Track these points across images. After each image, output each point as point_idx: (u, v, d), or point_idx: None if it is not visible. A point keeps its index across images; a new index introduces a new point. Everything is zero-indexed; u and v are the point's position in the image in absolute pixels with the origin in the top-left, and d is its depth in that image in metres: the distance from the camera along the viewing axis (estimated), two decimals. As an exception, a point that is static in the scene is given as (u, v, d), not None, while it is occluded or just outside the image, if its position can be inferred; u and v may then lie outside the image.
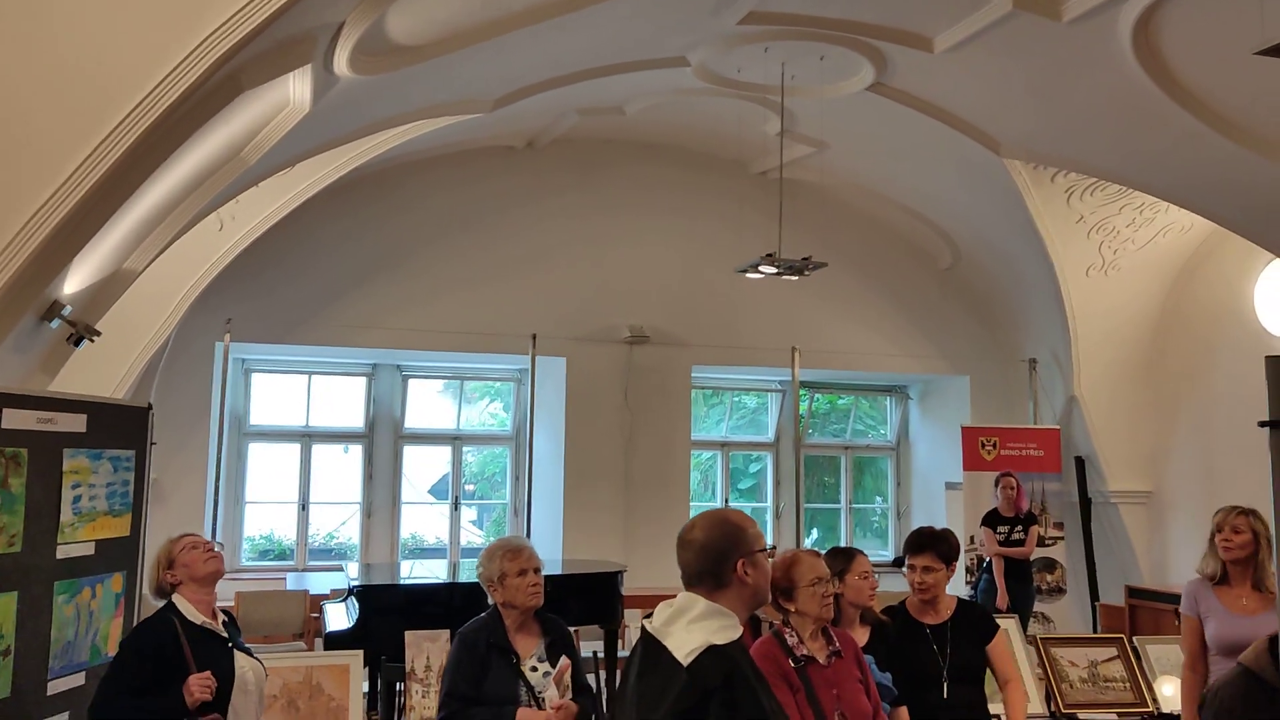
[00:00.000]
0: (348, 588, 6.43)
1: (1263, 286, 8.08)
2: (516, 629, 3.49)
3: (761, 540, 2.38)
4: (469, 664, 3.39)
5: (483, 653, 3.41)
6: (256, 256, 7.63)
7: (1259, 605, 3.82)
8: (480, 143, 8.56)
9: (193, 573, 3.36)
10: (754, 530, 2.38)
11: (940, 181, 8.61)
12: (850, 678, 3.24)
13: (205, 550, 3.40)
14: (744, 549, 2.32)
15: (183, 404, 7.98)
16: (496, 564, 3.49)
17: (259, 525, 9.10)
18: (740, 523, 2.39)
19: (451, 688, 3.39)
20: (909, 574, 3.83)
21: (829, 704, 3.14)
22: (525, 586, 3.47)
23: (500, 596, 3.49)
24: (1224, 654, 3.81)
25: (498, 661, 3.41)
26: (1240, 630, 3.79)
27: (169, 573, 3.37)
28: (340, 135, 6.04)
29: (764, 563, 2.35)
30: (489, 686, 3.37)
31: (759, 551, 2.35)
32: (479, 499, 9.93)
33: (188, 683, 3.15)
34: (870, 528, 10.82)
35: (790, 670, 3.16)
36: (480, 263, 8.71)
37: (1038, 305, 9.09)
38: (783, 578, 3.30)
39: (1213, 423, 8.53)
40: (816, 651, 3.23)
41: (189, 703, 3.14)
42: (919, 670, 3.64)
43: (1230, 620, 3.85)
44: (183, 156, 4.25)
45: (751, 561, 2.32)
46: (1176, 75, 5.80)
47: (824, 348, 9.38)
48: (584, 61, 6.50)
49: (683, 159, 9.24)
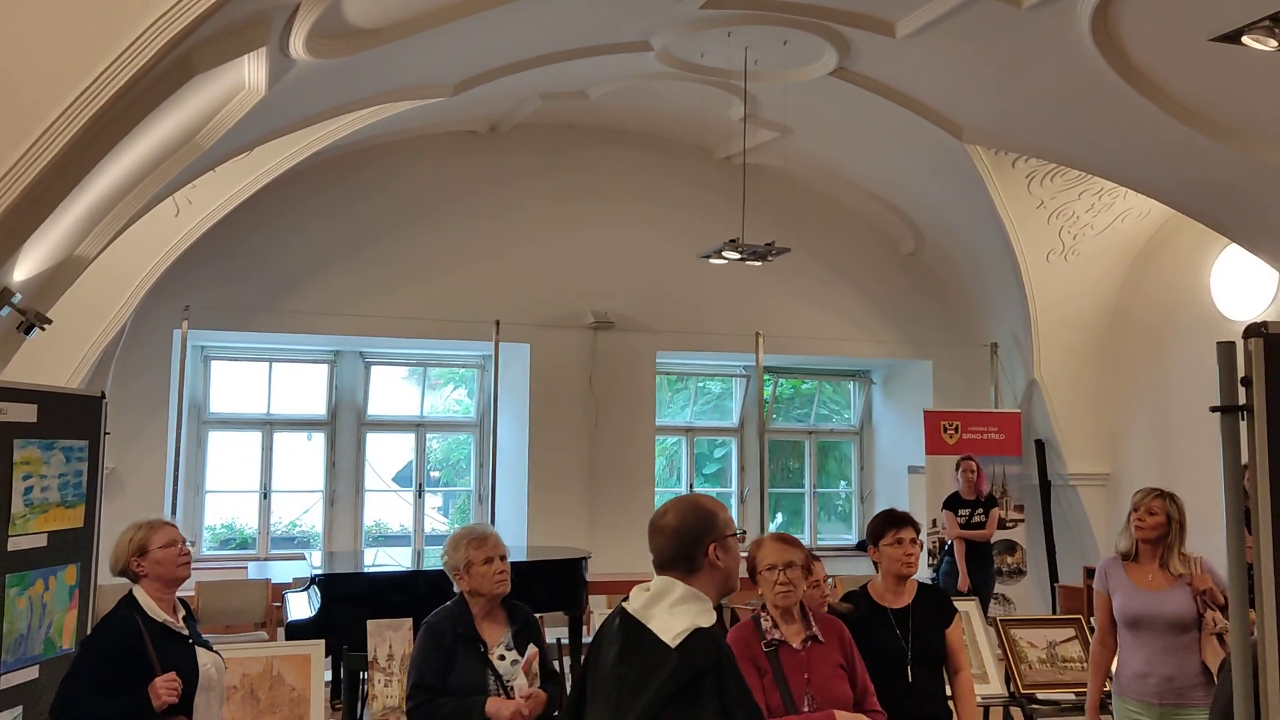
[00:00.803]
0: (310, 576, 6.38)
1: (1218, 271, 8.20)
2: (483, 617, 3.47)
3: (732, 525, 2.40)
4: (436, 654, 3.36)
5: (449, 642, 3.38)
6: (215, 242, 7.53)
7: (1163, 582, 3.94)
8: (442, 127, 8.48)
9: (162, 573, 3.30)
10: (725, 515, 2.40)
11: (903, 167, 8.65)
12: (827, 663, 3.26)
13: (180, 553, 3.33)
14: (715, 533, 2.34)
15: (140, 392, 7.87)
16: (462, 552, 3.46)
17: (220, 514, 9.01)
18: (712, 508, 2.40)
19: (419, 678, 3.36)
20: (896, 549, 3.78)
21: (798, 687, 3.17)
22: (491, 574, 3.44)
23: (466, 585, 3.46)
24: (1128, 627, 3.94)
25: (465, 651, 3.38)
26: (1142, 604, 3.92)
27: (139, 561, 3.30)
28: (298, 119, 5.96)
29: (734, 547, 2.37)
30: (456, 676, 3.34)
31: (729, 536, 2.36)
32: (444, 486, 9.89)
33: (154, 685, 3.11)
34: (834, 511, 10.90)
35: (760, 654, 3.21)
36: (443, 249, 8.65)
37: (999, 290, 9.18)
38: (749, 561, 3.38)
39: (1169, 406, 8.67)
40: (791, 636, 3.26)
41: (155, 706, 3.10)
42: (883, 654, 3.67)
43: (1134, 594, 3.96)
44: (135, 141, 4.16)
45: (723, 545, 2.34)
46: (1135, 62, 5.85)
47: (788, 333, 9.41)
48: (546, 45, 6.45)
49: (646, 144, 9.21)
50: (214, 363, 8.88)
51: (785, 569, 3.30)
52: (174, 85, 3.94)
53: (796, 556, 3.35)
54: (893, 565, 3.81)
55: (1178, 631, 3.85)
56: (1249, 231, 6.98)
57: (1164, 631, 3.85)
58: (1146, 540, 3.99)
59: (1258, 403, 2.17)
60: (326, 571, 6.38)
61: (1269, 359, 2.18)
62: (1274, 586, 2.14)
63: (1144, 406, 8.96)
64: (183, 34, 3.50)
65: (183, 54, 3.76)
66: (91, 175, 4.02)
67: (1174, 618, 3.85)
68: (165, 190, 5.16)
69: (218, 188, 6.92)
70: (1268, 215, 6.67)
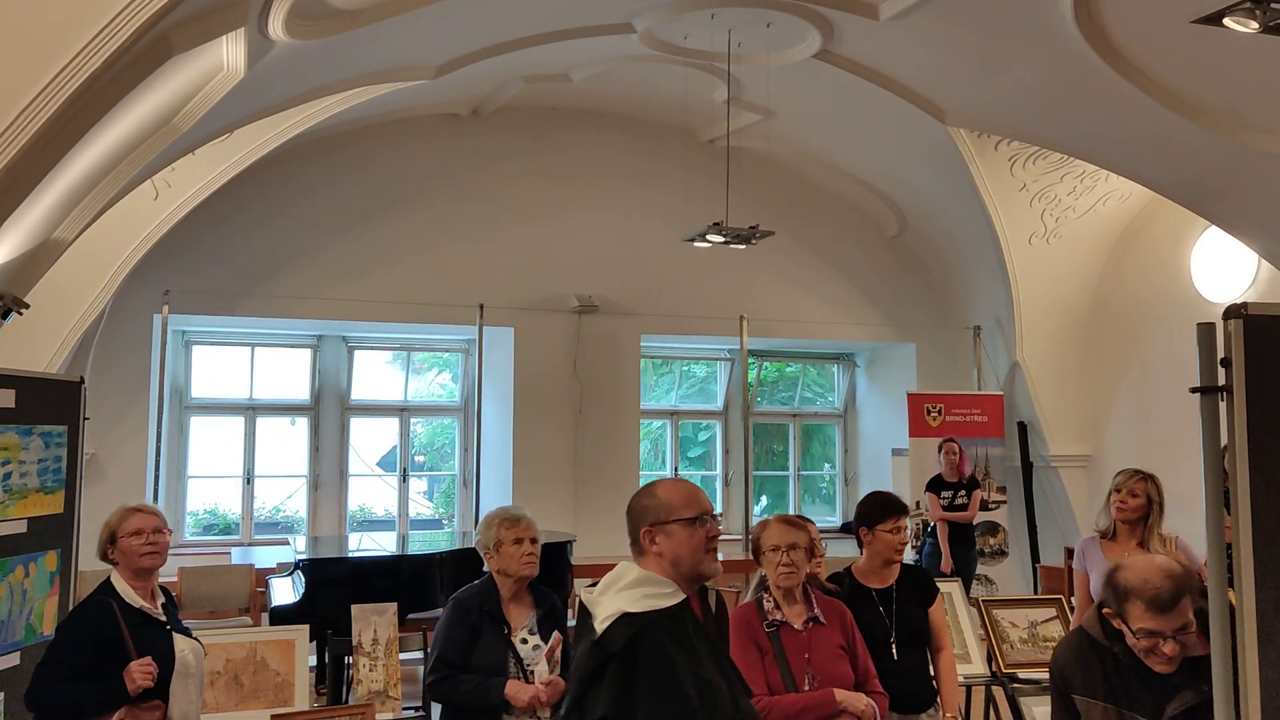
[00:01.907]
0: (294, 562, 6.36)
1: (1198, 254, 8.24)
2: (510, 599, 3.49)
3: (681, 511, 2.31)
4: (460, 630, 3.40)
5: (475, 620, 3.41)
6: (195, 226, 7.47)
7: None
8: (424, 110, 8.42)
9: (128, 562, 3.29)
10: (674, 501, 2.33)
11: (887, 150, 8.64)
12: (828, 643, 3.32)
13: (146, 541, 3.29)
14: (651, 519, 2.31)
15: (121, 377, 7.81)
16: (494, 531, 3.50)
17: (203, 499, 8.97)
18: (660, 493, 2.36)
19: (442, 652, 3.39)
20: (893, 536, 3.81)
21: (799, 667, 3.24)
22: (520, 555, 3.47)
23: (495, 564, 3.50)
24: None
25: (489, 630, 3.41)
26: None
27: (110, 548, 3.30)
28: (278, 101, 5.90)
29: (680, 533, 2.30)
30: (478, 654, 3.37)
31: (672, 522, 2.30)
32: (428, 470, 9.87)
33: (129, 669, 3.10)
34: (819, 494, 10.94)
35: (761, 634, 3.28)
36: (426, 233, 8.60)
37: (982, 273, 9.20)
38: (753, 542, 3.47)
39: (1150, 387, 8.72)
40: (793, 617, 3.32)
41: (130, 690, 3.10)
42: (868, 634, 3.70)
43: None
44: (112, 123, 4.12)
45: (662, 530, 2.30)
46: (1117, 45, 5.86)
47: (772, 316, 9.42)
48: (528, 27, 6.40)
49: (630, 127, 9.18)
50: (196, 347, 8.82)
51: (789, 550, 3.34)
52: (151, 66, 3.90)
53: (800, 538, 3.39)
54: (886, 550, 3.84)
55: None
56: (1229, 214, 7.01)
57: None
58: (1126, 521, 4.04)
59: (1237, 384, 2.18)
60: (311, 556, 6.37)
61: (1248, 340, 2.19)
62: (1252, 567, 2.16)
63: (1125, 388, 9.02)
64: (159, 14, 3.46)
65: (160, 34, 3.72)
66: (68, 158, 3.98)
67: None
68: (144, 173, 5.11)
69: (198, 171, 6.85)
70: (1247, 198, 6.71)
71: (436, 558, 6.37)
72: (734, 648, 3.24)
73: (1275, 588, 2.15)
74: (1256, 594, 2.15)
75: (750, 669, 3.14)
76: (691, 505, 2.34)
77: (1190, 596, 2.51)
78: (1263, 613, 2.14)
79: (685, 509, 2.32)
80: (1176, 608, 2.49)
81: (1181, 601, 2.50)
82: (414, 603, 5.95)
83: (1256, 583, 2.16)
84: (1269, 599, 2.15)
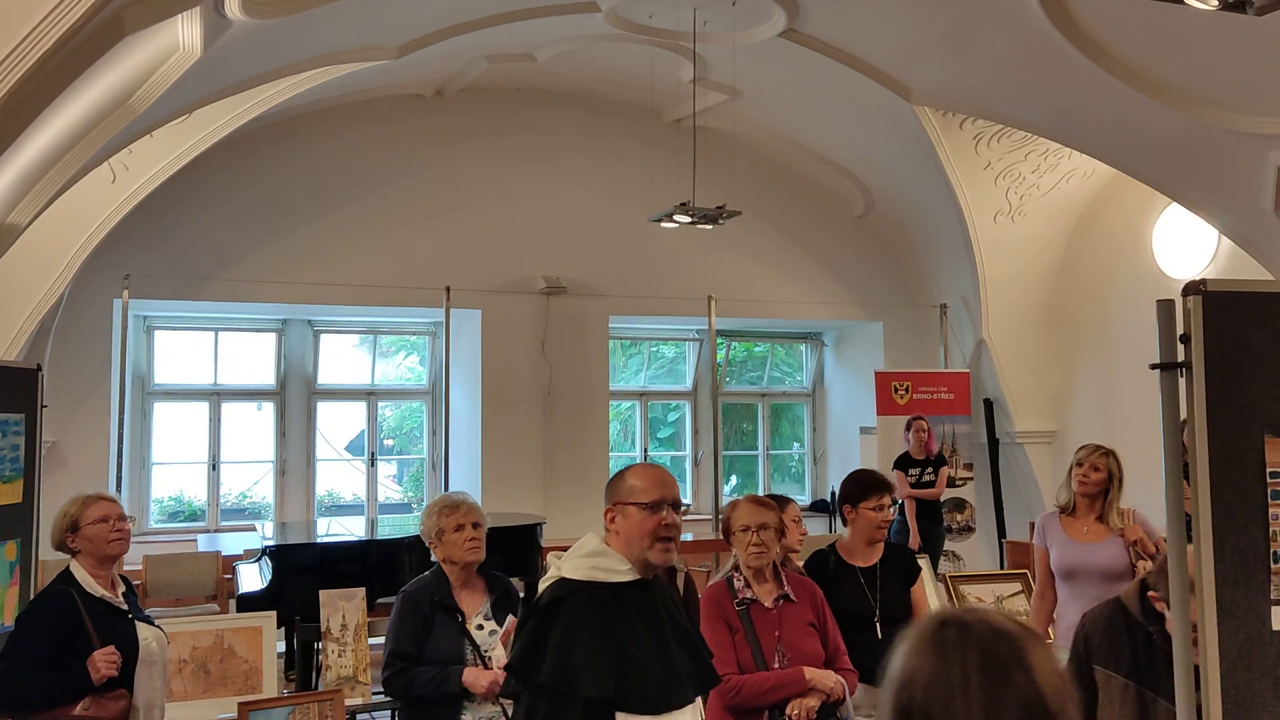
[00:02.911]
0: (261, 548, 6.31)
1: (1160, 230, 8.33)
2: (461, 586, 3.47)
3: (639, 495, 2.41)
4: (412, 622, 3.37)
5: (426, 611, 3.38)
6: (154, 209, 7.35)
7: (1097, 535, 4.08)
8: (387, 90, 8.33)
9: (94, 549, 3.25)
10: (634, 485, 2.42)
11: (853, 129, 8.65)
12: (799, 621, 3.36)
13: (113, 529, 3.27)
14: (615, 497, 2.44)
15: (82, 364, 7.70)
16: (434, 520, 3.48)
17: (167, 486, 8.87)
18: (627, 476, 2.47)
19: (396, 647, 3.36)
20: (876, 514, 3.86)
21: (769, 645, 3.28)
22: (463, 541, 3.45)
23: (440, 553, 3.48)
24: (1063, 578, 4.08)
25: (442, 619, 3.38)
26: (1076, 556, 4.07)
27: (72, 537, 3.25)
28: (237, 82, 5.81)
29: (635, 516, 2.39)
30: (433, 645, 3.34)
31: (631, 504, 2.40)
32: (397, 454, 9.82)
33: (92, 658, 3.08)
34: (788, 473, 11.00)
35: (731, 611, 3.32)
36: (391, 215, 8.52)
37: (948, 251, 9.25)
38: (724, 522, 3.54)
39: (1112, 363, 8.82)
40: (763, 595, 3.36)
41: (94, 679, 3.07)
42: (852, 611, 3.74)
43: (1070, 546, 4.11)
44: (64, 105, 4.03)
45: (621, 512, 2.42)
46: (1079, 23, 5.88)
47: (740, 296, 9.43)
48: (492, 6, 6.34)
49: (596, 107, 9.12)
50: (158, 333, 8.70)
51: (759, 530, 3.38)
52: (104, 46, 3.82)
53: (770, 518, 3.42)
54: (869, 528, 3.89)
55: (1110, 581, 3.98)
56: (1189, 191, 7.09)
57: (1097, 582, 3.97)
58: (1087, 495, 4.11)
59: (1196, 359, 2.21)
60: (278, 542, 6.32)
61: (1207, 316, 2.21)
62: (1211, 540, 2.19)
63: (1088, 364, 9.12)
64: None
65: (112, 14, 3.64)
66: (20, 140, 3.89)
67: (1105, 568, 4.00)
68: (99, 155, 5.02)
69: (156, 153, 6.74)
70: (1207, 175, 6.78)
71: (405, 542, 6.34)
72: (704, 626, 3.27)
73: (1234, 561, 2.19)
74: (1215, 567, 2.18)
75: (721, 647, 3.17)
76: (651, 491, 2.41)
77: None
78: (1222, 586, 2.18)
79: (644, 494, 2.41)
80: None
81: None
82: (383, 587, 5.89)
83: (1215, 555, 2.19)
84: (1227, 572, 2.18)
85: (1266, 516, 2.20)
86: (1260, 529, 2.20)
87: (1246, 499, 2.20)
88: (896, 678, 1.36)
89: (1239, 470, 2.20)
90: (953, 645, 1.34)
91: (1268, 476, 2.21)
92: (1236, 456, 2.20)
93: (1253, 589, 2.18)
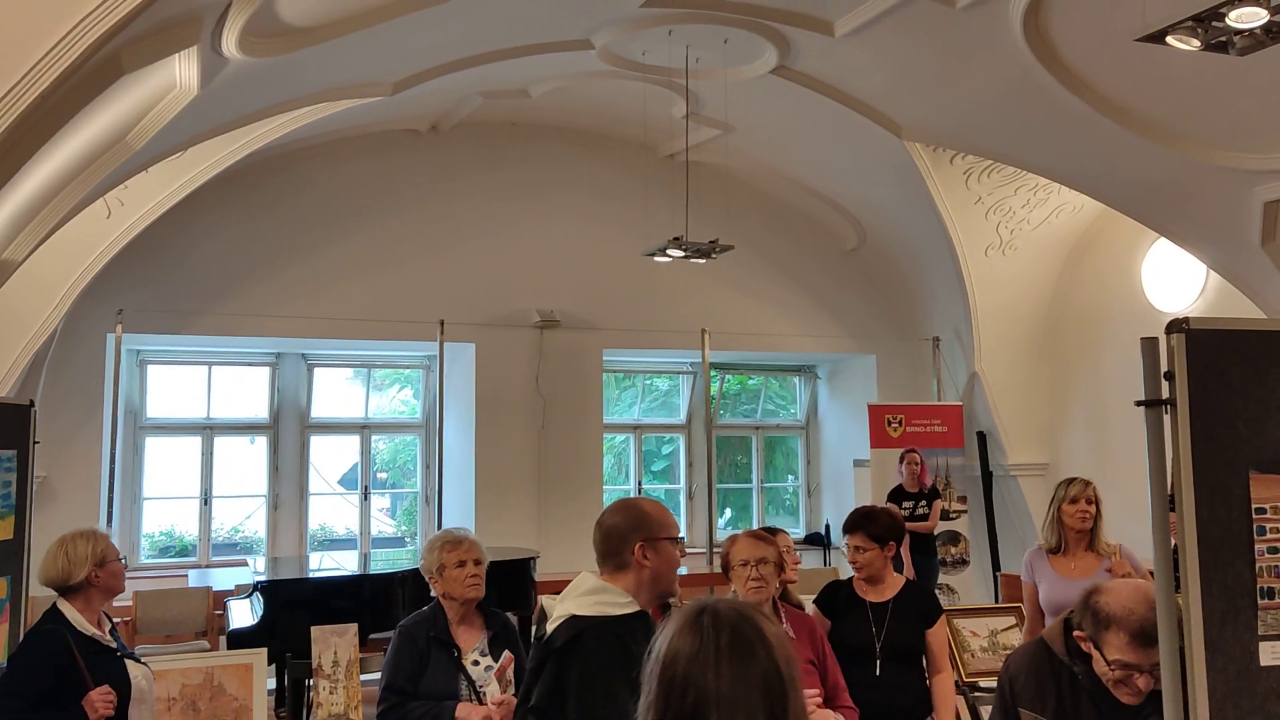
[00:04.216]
0: (252, 583, 6.28)
1: (1149, 265, 8.39)
2: (459, 622, 3.48)
3: (671, 530, 2.43)
4: (408, 657, 3.37)
5: (422, 646, 3.39)
6: (149, 245, 7.38)
7: (1085, 570, 4.10)
8: (383, 126, 8.39)
9: (113, 585, 3.29)
10: (662, 519, 2.44)
11: (844, 164, 8.73)
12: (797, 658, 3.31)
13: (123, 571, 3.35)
14: (645, 533, 2.39)
15: (74, 398, 7.69)
16: (436, 555, 3.49)
17: (159, 521, 8.83)
18: (648, 509, 2.45)
19: (390, 681, 3.36)
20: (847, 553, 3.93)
21: None
22: (464, 578, 3.46)
23: (440, 588, 3.48)
24: (1052, 615, 4.08)
25: (438, 655, 3.38)
26: (1065, 593, 4.04)
27: (97, 572, 3.25)
28: (233, 119, 5.86)
29: (668, 550, 2.41)
30: (428, 680, 3.34)
31: (664, 539, 2.40)
32: (391, 488, 9.79)
33: (89, 699, 3.07)
34: (782, 506, 10.98)
35: None
36: (385, 249, 8.55)
37: (940, 285, 9.30)
38: (723, 557, 3.50)
39: (1104, 396, 8.85)
40: None
41: (92, 719, 3.06)
42: (853, 645, 3.72)
43: (1058, 583, 4.13)
44: (63, 141, 4.07)
45: (653, 546, 2.39)
46: (1065, 60, 5.97)
47: (733, 329, 9.46)
48: (486, 44, 6.41)
49: (589, 142, 9.20)
50: (150, 367, 8.70)
51: (758, 565, 3.37)
52: (102, 85, 3.86)
53: (769, 553, 3.41)
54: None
55: None
56: (1177, 226, 7.15)
57: None
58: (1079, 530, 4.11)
59: (1180, 397, 2.23)
60: (270, 577, 6.30)
61: (1191, 354, 2.23)
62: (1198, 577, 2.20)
63: (1080, 397, 9.15)
64: (110, 33, 3.43)
65: (110, 53, 3.68)
66: (18, 176, 3.92)
67: None
68: (96, 191, 5.05)
69: (151, 188, 6.78)
70: (1193, 210, 6.85)
71: (398, 576, 6.32)
72: None
73: (1221, 597, 2.20)
74: (1203, 604, 2.19)
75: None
76: (675, 525, 2.48)
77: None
78: (1209, 622, 2.19)
79: (673, 528, 2.45)
80: (1156, 645, 2.27)
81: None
82: (376, 623, 5.89)
83: (1203, 591, 2.20)
84: (1215, 608, 2.19)
85: (1253, 553, 2.22)
86: (1246, 565, 2.21)
87: (1232, 535, 2.21)
88: (661, 657, 1.60)
89: (1224, 506, 2.21)
90: (708, 627, 1.61)
91: (1253, 512, 2.22)
92: (1222, 493, 2.22)
93: (1240, 625, 2.19)
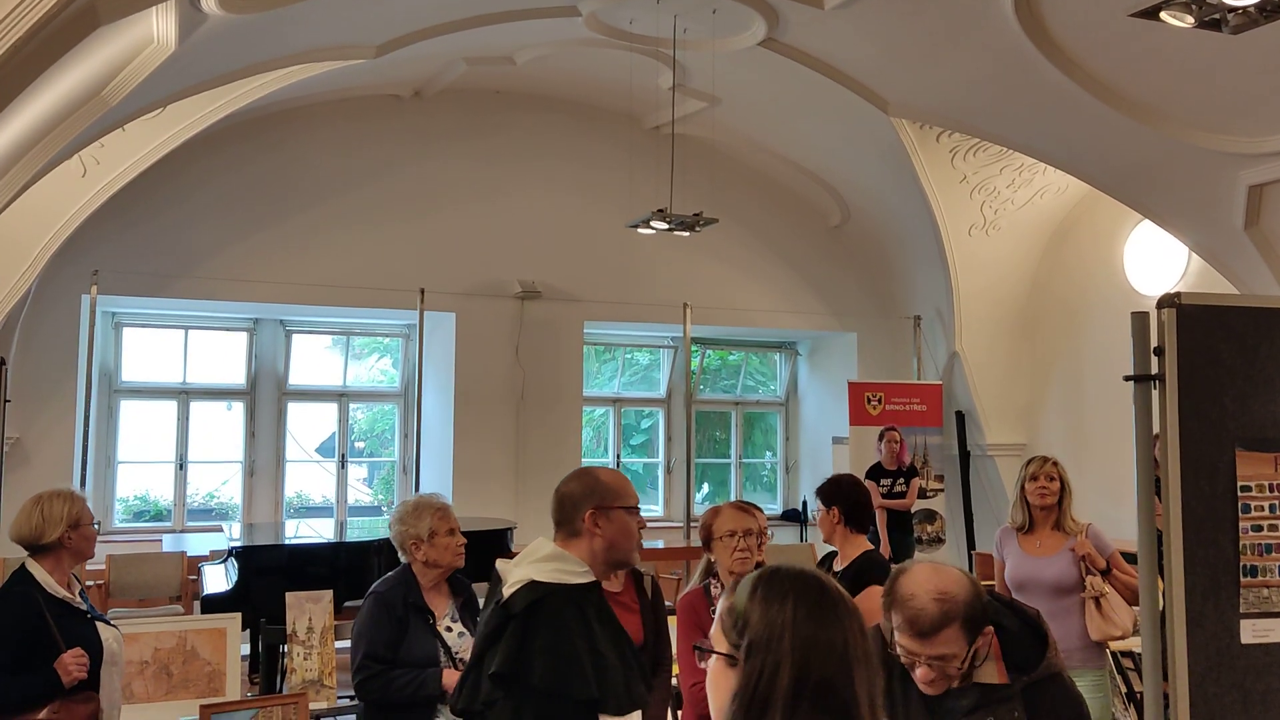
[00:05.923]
0: (227, 549, 6.24)
1: (1131, 247, 8.41)
2: (431, 588, 3.45)
3: (626, 499, 2.43)
4: (387, 624, 3.32)
5: (400, 613, 3.34)
6: (125, 204, 7.26)
7: (1050, 548, 4.13)
8: (365, 90, 8.27)
9: (81, 551, 3.25)
10: (618, 487, 2.44)
11: (830, 140, 8.69)
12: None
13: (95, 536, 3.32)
14: (597, 500, 2.40)
15: (47, 360, 7.58)
16: (426, 522, 3.43)
17: (133, 485, 8.75)
18: (604, 478, 2.46)
19: (370, 649, 3.30)
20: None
21: None
22: (454, 546, 3.44)
23: (426, 555, 3.42)
24: (1015, 591, 4.15)
25: (416, 621, 3.35)
26: (1028, 569, 4.13)
27: (70, 533, 3.20)
28: (212, 77, 5.75)
29: (621, 520, 2.40)
30: (408, 647, 3.31)
31: (617, 508, 2.40)
32: (368, 456, 9.74)
33: (63, 661, 3.04)
34: (760, 482, 11.00)
35: (708, 620, 3.26)
36: (366, 215, 8.46)
37: (923, 263, 9.30)
38: (704, 528, 3.45)
39: (1083, 377, 8.89)
40: None
41: (66, 681, 3.03)
42: None
43: (1022, 560, 4.18)
44: (35, 95, 3.97)
45: (605, 515, 2.39)
46: (1055, 38, 5.93)
47: (715, 304, 9.43)
48: (472, 7, 6.31)
49: (574, 111, 9.11)
50: (126, 329, 8.59)
51: (744, 536, 3.35)
52: (77, 36, 3.76)
53: (754, 524, 3.41)
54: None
55: (1059, 595, 4.03)
56: (1161, 208, 7.16)
57: (1046, 595, 4.02)
58: (1043, 507, 4.15)
59: (1169, 372, 2.22)
60: (245, 543, 6.25)
61: (1181, 329, 2.22)
62: (1181, 553, 2.19)
63: (1059, 378, 9.19)
64: (85, -18, 3.34)
65: (86, 3, 3.59)
66: (-12, 130, 3.83)
67: (1054, 582, 4.05)
68: (70, 148, 4.95)
69: (128, 147, 6.66)
70: (1179, 192, 6.85)
71: (374, 545, 6.28)
72: (681, 634, 3.25)
73: (1204, 574, 2.20)
74: (1185, 580, 2.19)
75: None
76: (629, 495, 2.45)
77: (960, 628, 2.10)
78: (1191, 598, 2.19)
79: (629, 498, 2.44)
80: (937, 636, 2.10)
81: (944, 631, 2.10)
82: (350, 590, 5.83)
83: (1186, 568, 2.20)
84: (1197, 585, 2.19)
85: (1237, 530, 2.21)
86: (1230, 542, 2.21)
87: (1217, 512, 2.21)
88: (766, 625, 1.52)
89: (1209, 483, 2.21)
90: (813, 586, 1.55)
91: (1238, 490, 2.22)
92: (1207, 469, 2.21)
93: (1222, 601, 2.19)
